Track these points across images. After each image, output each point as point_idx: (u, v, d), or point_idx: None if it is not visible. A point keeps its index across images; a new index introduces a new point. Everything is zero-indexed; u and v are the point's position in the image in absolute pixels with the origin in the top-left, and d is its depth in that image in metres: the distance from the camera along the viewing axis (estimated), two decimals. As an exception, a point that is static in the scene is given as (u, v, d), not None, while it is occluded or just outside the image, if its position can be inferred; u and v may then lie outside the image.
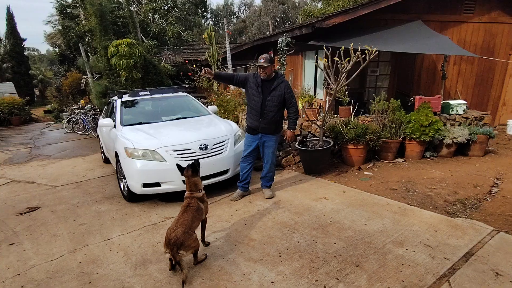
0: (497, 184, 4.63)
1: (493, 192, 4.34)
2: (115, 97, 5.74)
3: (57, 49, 22.65)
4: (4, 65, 25.63)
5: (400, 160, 5.77)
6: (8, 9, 24.55)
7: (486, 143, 5.95)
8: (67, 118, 12.41)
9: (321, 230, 3.39)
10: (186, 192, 2.99)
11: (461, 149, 5.99)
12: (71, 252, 3.23)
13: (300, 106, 6.38)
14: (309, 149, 5.19)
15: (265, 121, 4.07)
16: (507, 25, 7.81)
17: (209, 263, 2.89)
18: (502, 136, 7.57)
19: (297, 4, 33.93)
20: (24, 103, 16.00)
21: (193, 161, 3.02)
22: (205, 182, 4.23)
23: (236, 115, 6.95)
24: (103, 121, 5.18)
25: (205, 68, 3.93)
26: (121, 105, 5.35)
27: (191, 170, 2.94)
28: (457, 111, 6.42)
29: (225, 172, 4.42)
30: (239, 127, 6.55)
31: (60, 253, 3.21)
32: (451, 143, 5.73)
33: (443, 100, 6.65)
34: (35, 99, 28.55)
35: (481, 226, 3.34)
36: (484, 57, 7.40)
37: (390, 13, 6.88)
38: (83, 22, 15.01)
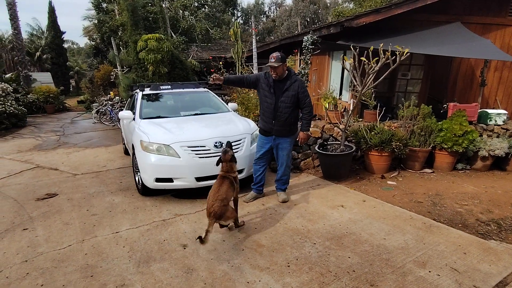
0: (538, 204, 4.16)
1: (533, 214, 3.90)
2: (137, 90, 5.78)
3: (93, 43, 23.64)
4: (44, 56, 27.11)
5: (428, 170, 5.37)
6: (50, 3, 25.88)
7: (528, 158, 5.41)
8: (96, 108, 12.83)
9: (335, 241, 3.16)
10: (221, 172, 3.27)
11: (498, 163, 5.49)
12: (79, 242, 3.23)
13: (325, 106, 6.14)
14: (330, 153, 4.93)
15: (279, 123, 3.88)
16: (560, 30, 7.09)
17: (213, 267, 2.76)
18: (547, 151, 6.87)
19: (328, 4, 33.25)
20: (59, 93, 16.75)
21: (225, 150, 3.29)
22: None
23: (257, 113, 6.80)
24: (124, 113, 5.22)
25: (213, 75, 3.79)
26: (142, 98, 5.36)
27: (230, 155, 3.28)
28: (496, 121, 5.89)
29: (240, 172, 4.27)
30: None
31: (68, 242, 3.22)
32: (487, 155, 5.26)
33: (481, 108, 6.14)
34: (71, 89, 29.99)
35: (518, 251, 2.98)
36: (531, 64, 6.76)
37: (426, 13, 6.44)
38: (117, 16, 15.48)
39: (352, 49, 4.78)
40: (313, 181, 4.94)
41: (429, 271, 2.67)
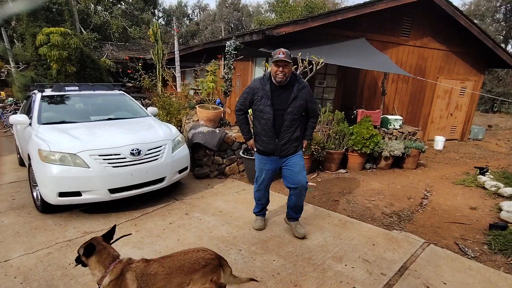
0: (427, 196, 4.91)
1: (423, 204, 4.58)
2: (35, 91, 4.96)
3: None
4: None
5: (343, 171, 5.88)
6: None
7: (418, 157, 6.38)
8: (-19, 112, 10.66)
9: (261, 245, 3.17)
10: None
11: (397, 162, 6.33)
12: None
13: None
14: (254, 157, 4.98)
15: (284, 141, 3.10)
16: (436, 50, 8.63)
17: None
18: (430, 150, 8.26)
19: (251, 12, 34.39)
20: None
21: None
22: (136, 192, 3.80)
23: (179, 118, 6.52)
24: (17, 118, 4.40)
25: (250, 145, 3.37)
26: (42, 100, 4.61)
27: None
28: (394, 125, 6.80)
29: (160, 180, 3.99)
30: (181, 131, 6.15)
31: None
32: (388, 156, 6.01)
33: (383, 114, 7.02)
34: None
35: (414, 238, 3.43)
36: (418, 77, 8.03)
37: (337, 28, 7.11)
38: (10, 4, 13.18)
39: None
40: (238, 186, 4.93)
41: (345, 265, 2.88)
